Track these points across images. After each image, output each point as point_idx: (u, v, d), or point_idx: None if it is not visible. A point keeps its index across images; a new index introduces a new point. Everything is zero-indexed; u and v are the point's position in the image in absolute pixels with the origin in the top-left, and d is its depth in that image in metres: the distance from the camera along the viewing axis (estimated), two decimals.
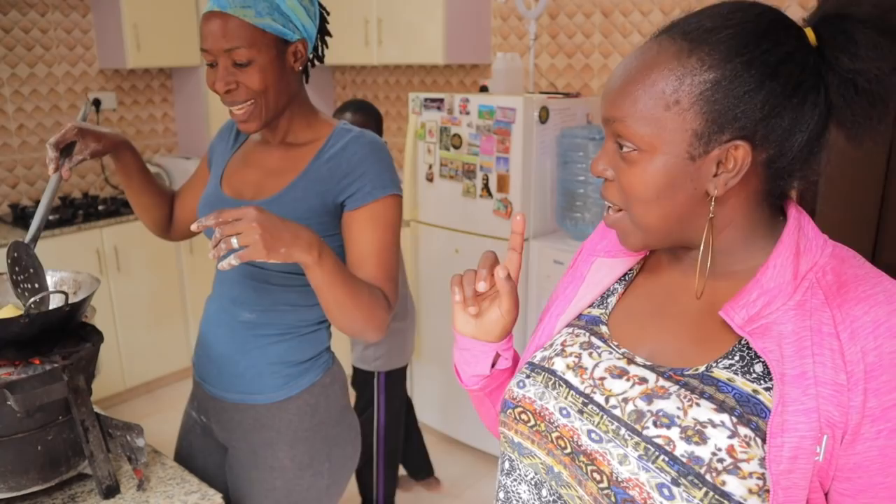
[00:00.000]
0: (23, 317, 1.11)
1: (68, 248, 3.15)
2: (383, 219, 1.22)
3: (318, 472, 1.32)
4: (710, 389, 0.68)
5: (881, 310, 0.62)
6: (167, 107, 4.05)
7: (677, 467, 0.65)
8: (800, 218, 0.71)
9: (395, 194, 1.24)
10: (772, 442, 0.62)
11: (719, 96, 0.64)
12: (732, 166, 0.66)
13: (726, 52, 0.64)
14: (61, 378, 1.10)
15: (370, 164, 1.22)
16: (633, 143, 0.68)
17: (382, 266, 1.22)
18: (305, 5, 1.20)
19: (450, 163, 2.85)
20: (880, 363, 0.60)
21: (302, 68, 1.25)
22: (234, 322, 1.31)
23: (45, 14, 3.48)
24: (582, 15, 3.01)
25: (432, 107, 2.86)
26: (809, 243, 0.69)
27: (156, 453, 1.30)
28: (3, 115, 3.42)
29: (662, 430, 0.67)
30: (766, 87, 0.64)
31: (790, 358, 0.64)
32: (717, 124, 0.65)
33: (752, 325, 0.66)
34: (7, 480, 1.10)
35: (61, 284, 1.32)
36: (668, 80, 0.66)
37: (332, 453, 1.34)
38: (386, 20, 3.29)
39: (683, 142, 0.66)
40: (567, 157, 2.69)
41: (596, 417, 0.73)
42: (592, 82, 3.05)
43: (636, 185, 0.69)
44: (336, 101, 4.22)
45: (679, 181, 0.68)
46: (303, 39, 1.21)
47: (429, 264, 3.05)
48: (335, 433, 1.34)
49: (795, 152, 0.67)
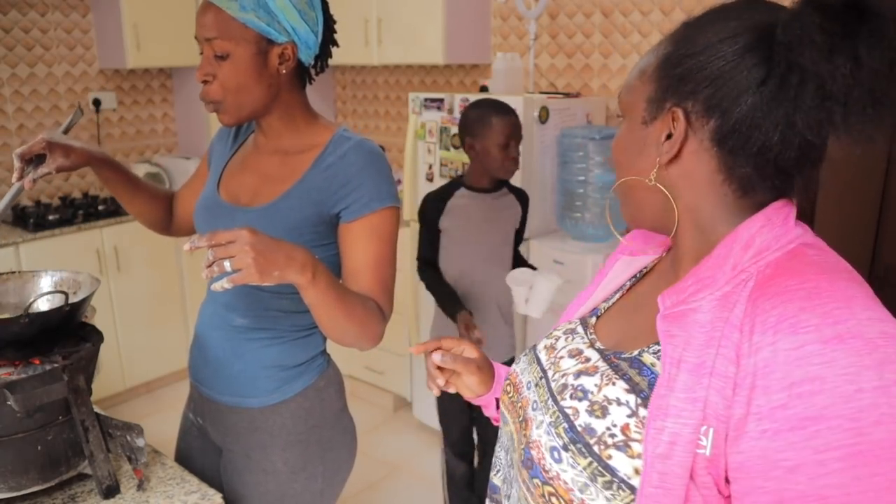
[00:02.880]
0: (23, 317, 1.11)
1: (68, 248, 3.15)
2: (380, 231, 1.21)
3: (312, 476, 1.32)
4: (632, 372, 0.70)
5: (792, 305, 0.58)
6: (167, 107, 4.05)
7: (571, 434, 0.69)
8: (772, 214, 0.67)
9: (392, 206, 1.22)
10: (651, 424, 0.62)
11: (668, 63, 0.69)
12: (676, 136, 0.68)
13: (685, 26, 0.70)
14: (61, 378, 1.10)
15: (368, 176, 1.20)
16: (619, 108, 0.77)
17: (378, 278, 1.21)
18: (300, 8, 1.17)
19: (450, 163, 2.85)
20: (774, 360, 0.57)
21: (296, 72, 1.23)
22: (227, 326, 1.30)
23: (45, 14, 3.48)
24: (582, 15, 3.01)
25: (432, 107, 2.87)
26: (769, 239, 0.65)
27: (156, 453, 1.30)
28: (3, 115, 3.42)
29: (574, 402, 0.71)
30: (711, 50, 0.65)
31: (695, 347, 0.63)
32: (663, 91, 0.69)
33: (673, 309, 0.67)
34: (7, 480, 1.10)
35: (61, 284, 1.32)
36: (648, 56, 0.73)
37: (326, 457, 1.33)
38: (386, 20, 3.29)
39: (640, 109, 0.72)
40: (567, 157, 2.68)
41: (542, 390, 0.78)
42: (592, 82, 3.05)
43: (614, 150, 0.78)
44: (336, 101, 4.22)
45: (636, 145, 0.73)
46: (291, 42, 1.18)
47: None
48: (329, 437, 1.34)
49: (744, 128, 0.64)
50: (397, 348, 3.23)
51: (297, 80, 1.25)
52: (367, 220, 1.20)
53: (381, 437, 3.22)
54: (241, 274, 0.94)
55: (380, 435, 3.24)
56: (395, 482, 2.88)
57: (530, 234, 2.72)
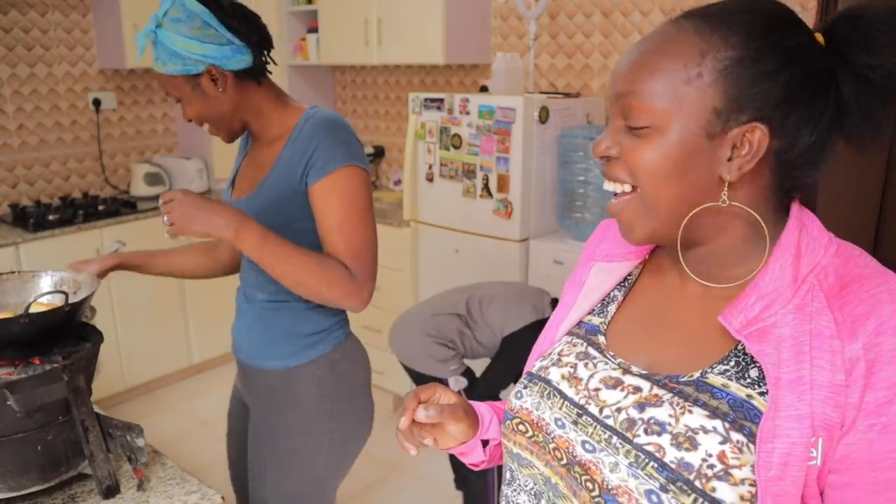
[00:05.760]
0: (23, 317, 1.11)
1: (68, 248, 3.14)
2: (340, 191, 1.28)
3: (319, 441, 1.42)
4: (703, 396, 0.67)
5: (884, 308, 0.62)
6: (167, 107, 4.05)
7: (666, 473, 0.64)
8: (802, 217, 0.70)
9: (349, 165, 1.29)
10: (762, 447, 0.61)
11: (741, 75, 0.64)
12: (747, 151, 0.65)
13: (748, 33, 0.65)
14: (61, 378, 1.10)
15: (321, 139, 1.29)
16: (648, 117, 0.66)
17: (343, 240, 1.29)
18: (195, 36, 1.27)
19: (450, 163, 2.85)
20: (880, 359, 0.60)
21: (240, 80, 1.33)
22: (253, 300, 1.46)
23: (45, 14, 3.48)
24: (582, 15, 3.01)
25: (432, 107, 2.87)
26: (812, 244, 0.68)
27: (156, 453, 1.30)
28: (3, 115, 3.42)
29: (653, 438, 0.67)
30: (785, 72, 0.64)
31: (787, 362, 0.63)
32: (737, 103, 0.64)
33: (750, 328, 0.66)
34: (7, 480, 1.10)
35: (61, 284, 1.33)
36: (690, 54, 0.65)
37: (334, 428, 1.42)
38: (386, 20, 3.29)
39: (702, 118, 0.65)
40: (567, 157, 2.68)
41: (590, 428, 0.72)
42: (592, 82, 3.05)
43: (649, 161, 0.67)
44: (336, 100, 4.22)
45: (693, 159, 0.66)
46: (210, 66, 1.29)
47: (429, 264, 3.05)
48: (339, 408, 1.43)
49: (804, 146, 0.66)
50: None
51: (248, 84, 1.35)
52: (326, 183, 1.29)
53: (381, 437, 3.21)
54: (171, 227, 1.18)
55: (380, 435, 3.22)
56: (395, 482, 2.88)
57: (530, 234, 2.72)
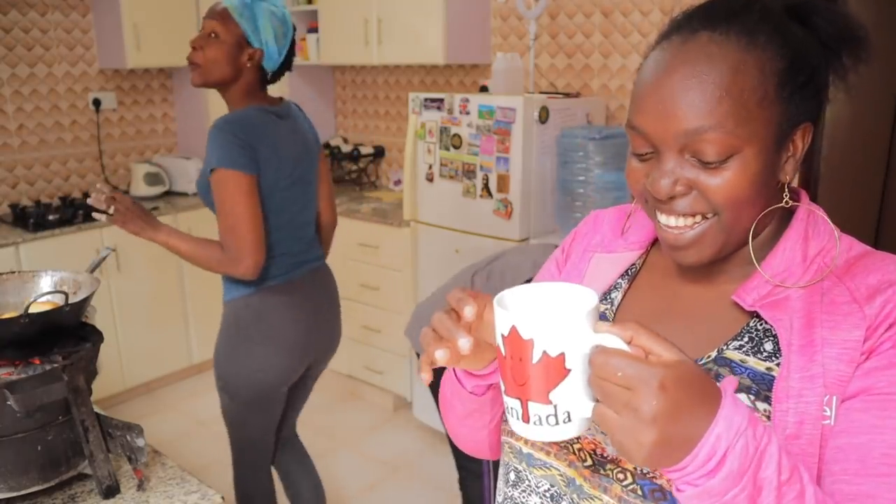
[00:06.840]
0: (23, 317, 1.11)
1: (68, 248, 3.15)
2: (216, 189, 1.65)
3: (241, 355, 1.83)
4: (724, 371, 0.69)
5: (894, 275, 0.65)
6: (167, 107, 4.05)
7: None
8: (810, 205, 0.74)
9: (217, 168, 1.63)
10: (777, 407, 0.63)
11: (794, 82, 0.66)
12: (794, 150, 0.68)
13: (779, 34, 0.66)
14: (61, 378, 1.10)
15: (207, 144, 1.65)
16: (730, 148, 0.64)
17: (221, 227, 1.67)
18: (276, 30, 1.71)
19: (450, 163, 2.85)
20: None
21: (257, 71, 1.73)
22: None
23: (45, 14, 3.48)
24: (582, 15, 3.01)
25: (432, 107, 2.86)
26: (818, 228, 0.72)
27: (156, 453, 1.30)
28: (3, 115, 3.42)
29: None
30: (820, 65, 0.67)
31: (798, 330, 0.65)
32: (797, 110, 0.67)
33: (763, 301, 0.69)
34: (7, 480, 1.10)
35: (61, 284, 1.33)
36: (750, 74, 0.64)
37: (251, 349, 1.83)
38: (386, 20, 3.29)
39: (772, 134, 0.66)
40: (567, 157, 2.68)
41: None
42: (592, 82, 3.05)
43: (735, 189, 0.66)
44: (336, 100, 4.22)
45: (768, 173, 0.67)
46: (261, 50, 1.70)
47: (429, 264, 3.04)
48: (249, 334, 1.83)
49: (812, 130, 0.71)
50: (397, 348, 3.23)
51: (256, 76, 1.74)
52: (211, 182, 1.66)
53: (381, 437, 3.22)
54: (112, 218, 1.67)
55: (380, 435, 3.24)
56: (395, 482, 2.88)
57: (531, 234, 2.72)
